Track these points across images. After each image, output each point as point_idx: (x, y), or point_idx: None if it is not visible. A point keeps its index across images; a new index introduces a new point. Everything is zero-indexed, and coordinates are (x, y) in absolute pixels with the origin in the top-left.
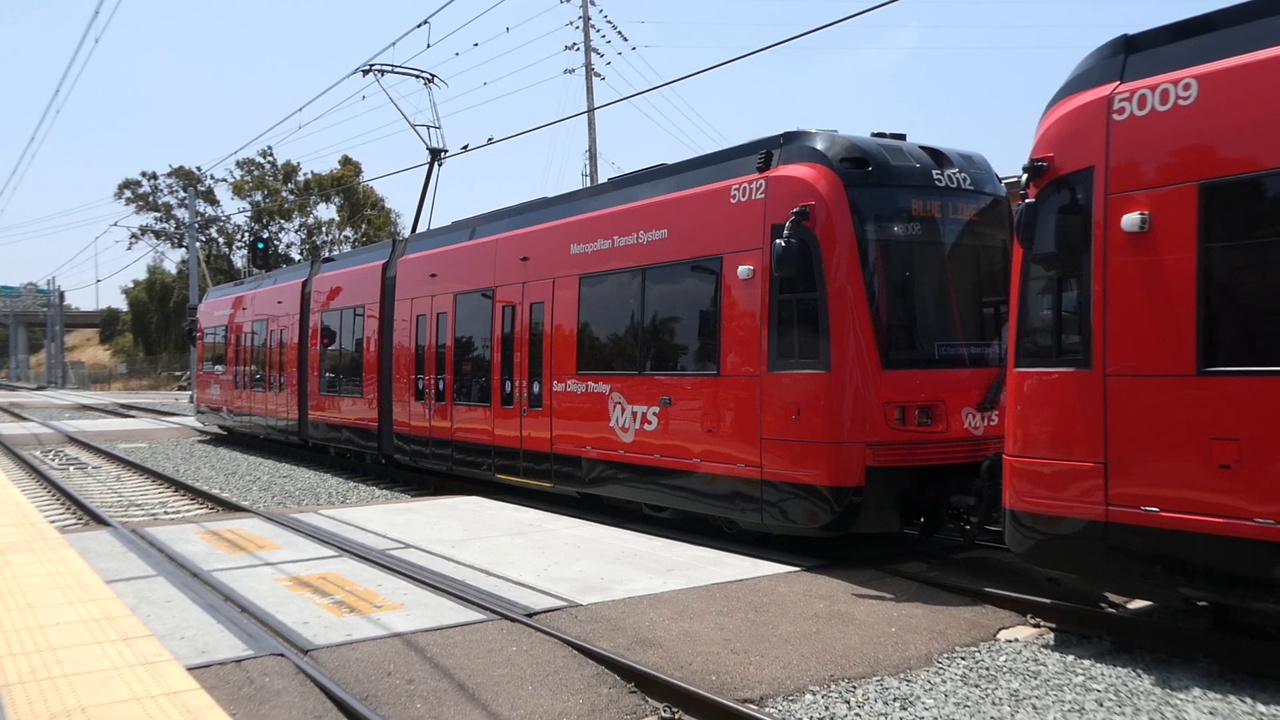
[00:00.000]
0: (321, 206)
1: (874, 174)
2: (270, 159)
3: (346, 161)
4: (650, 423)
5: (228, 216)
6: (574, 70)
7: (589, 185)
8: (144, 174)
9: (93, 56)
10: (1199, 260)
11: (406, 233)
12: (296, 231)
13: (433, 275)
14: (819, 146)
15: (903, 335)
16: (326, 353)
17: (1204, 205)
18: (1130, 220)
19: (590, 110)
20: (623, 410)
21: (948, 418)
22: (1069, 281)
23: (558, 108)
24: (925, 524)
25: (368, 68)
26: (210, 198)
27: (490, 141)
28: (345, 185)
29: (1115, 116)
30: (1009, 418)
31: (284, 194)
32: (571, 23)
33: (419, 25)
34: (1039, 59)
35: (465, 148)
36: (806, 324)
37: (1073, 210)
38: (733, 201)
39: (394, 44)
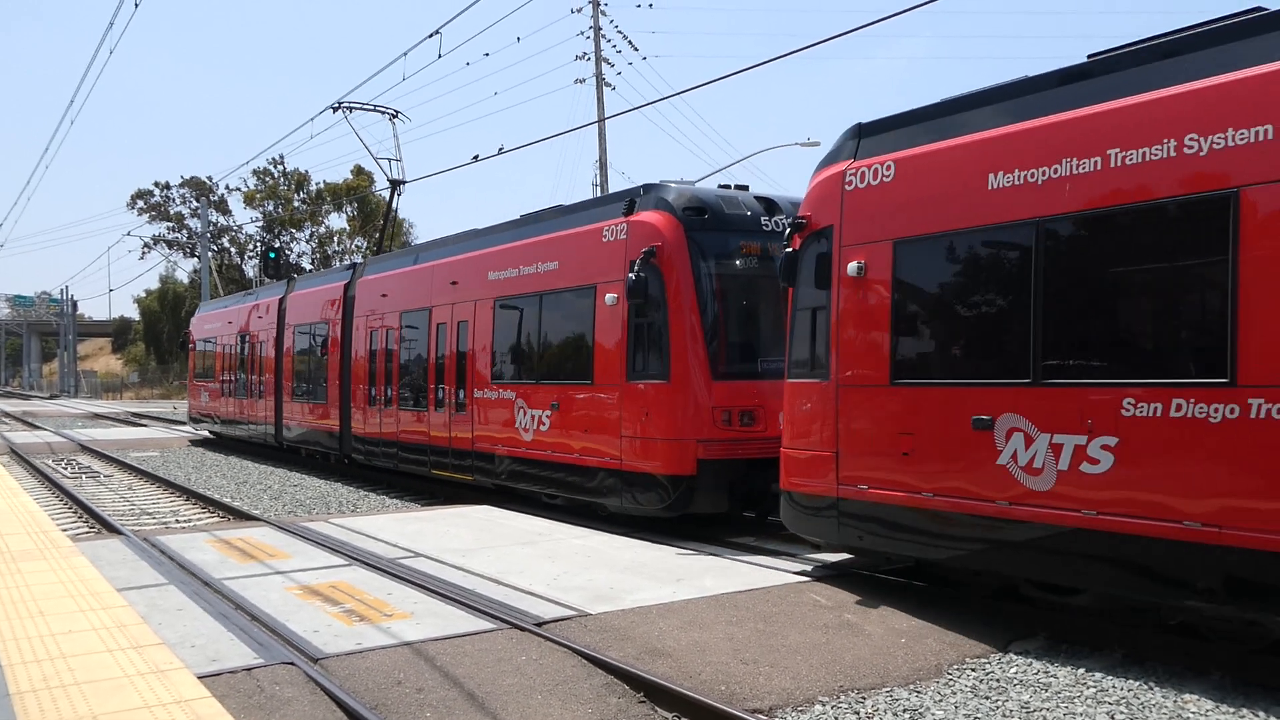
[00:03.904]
0: (333, 216)
1: (710, 220)
2: (282, 167)
3: (359, 171)
4: (544, 424)
5: (239, 226)
6: (585, 80)
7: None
8: (156, 184)
9: (106, 66)
10: (892, 299)
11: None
12: (308, 241)
13: (384, 295)
14: (669, 198)
15: (730, 352)
16: (298, 364)
17: (896, 258)
18: (853, 267)
19: (601, 120)
20: (524, 414)
21: (766, 420)
22: (818, 313)
23: (568, 117)
24: (759, 510)
25: (337, 105)
26: (222, 207)
27: (500, 151)
28: (359, 194)
29: (847, 187)
30: (784, 417)
31: (295, 204)
32: (582, 33)
33: (430, 35)
34: (1044, 70)
35: (475, 158)
36: (654, 343)
37: (821, 258)
38: (604, 240)
39: (405, 54)
